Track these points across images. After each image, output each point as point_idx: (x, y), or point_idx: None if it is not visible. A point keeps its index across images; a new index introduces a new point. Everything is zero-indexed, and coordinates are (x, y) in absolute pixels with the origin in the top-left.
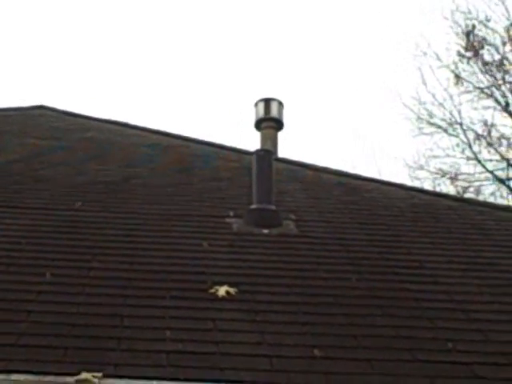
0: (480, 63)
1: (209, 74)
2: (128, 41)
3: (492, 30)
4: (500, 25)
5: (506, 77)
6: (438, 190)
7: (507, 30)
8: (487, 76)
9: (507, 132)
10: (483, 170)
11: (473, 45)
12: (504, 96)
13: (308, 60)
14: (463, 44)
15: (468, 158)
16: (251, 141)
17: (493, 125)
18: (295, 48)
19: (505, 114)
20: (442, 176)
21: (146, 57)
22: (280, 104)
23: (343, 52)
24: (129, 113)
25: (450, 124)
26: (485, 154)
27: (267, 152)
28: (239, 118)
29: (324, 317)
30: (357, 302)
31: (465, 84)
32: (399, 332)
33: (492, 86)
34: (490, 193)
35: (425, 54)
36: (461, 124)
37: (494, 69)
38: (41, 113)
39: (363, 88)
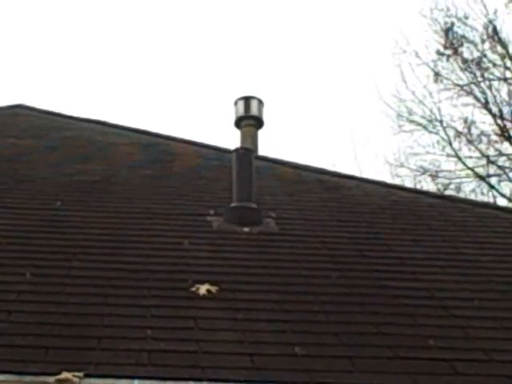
0: (459, 61)
1: (190, 72)
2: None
3: (471, 27)
4: (479, 22)
5: (485, 74)
6: (418, 187)
7: (486, 28)
8: (466, 73)
9: (487, 129)
10: (463, 167)
11: (452, 42)
12: (483, 93)
13: (287, 57)
14: (442, 42)
15: (448, 155)
16: (231, 139)
17: (472, 122)
18: (276, 45)
19: (484, 111)
20: (423, 173)
21: (127, 55)
22: (260, 102)
23: (323, 49)
24: (110, 112)
25: (430, 121)
26: (465, 151)
27: (247, 150)
28: (219, 116)
29: (305, 314)
30: (337, 300)
31: (444, 81)
32: (380, 329)
33: (471, 83)
34: (471, 190)
35: (404, 51)
36: (441, 121)
37: (473, 66)
38: (20, 112)
39: (344, 85)
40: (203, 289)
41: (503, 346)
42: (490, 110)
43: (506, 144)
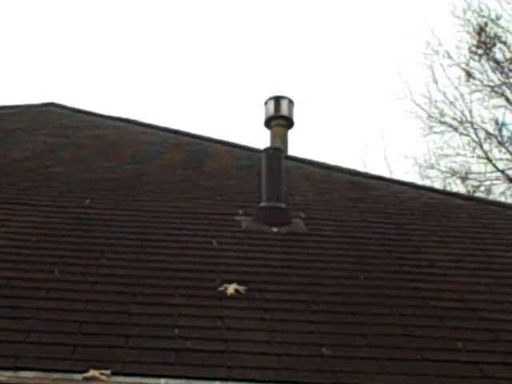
0: (491, 62)
1: (221, 73)
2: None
3: (503, 28)
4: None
5: None
6: (448, 189)
7: None
8: (498, 74)
9: None
10: (494, 169)
11: (484, 42)
12: None
13: (320, 58)
14: (475, 42)
15: (479, 157)
16: (261, 139)
17: (504, 124)
18: (307, 46)
19: None
20: (453, 175)
21: (158, 55)
22: (290, 102)
23: (355, 50)
24: (140, 111)
25: (461, 123)
26: (495, 152)
27: (277, 150)
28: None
29: (333, 315)
30: (365, 301)
31: (476, 82)
32: (408, 331)
33: (503, 84)
34: (501, 192)
35: (436, 52)
36: (471, 123)
37: (505, 67)
38: (51, 110)
39: (374, 86)
40: (231, 288)
41: None
42: None
43: None
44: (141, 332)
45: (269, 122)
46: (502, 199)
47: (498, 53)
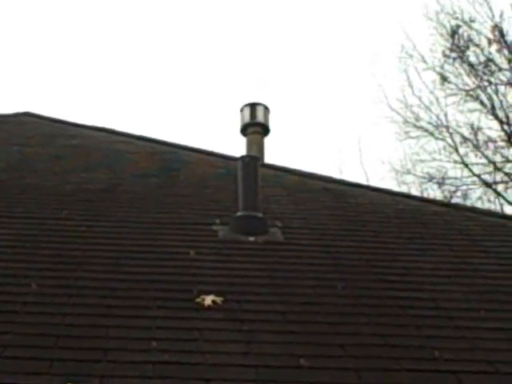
0: (465, 65)
1: (195, 80)
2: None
3: (477, 31)
4: (485, 26)
5: (492, 79)
6: (425, 194)
7: (492, 31)
8: (473, 78)
9: (493, 135)
10: (470, 173)
11: (458, 46)
12: (490, 98)
13: (294, 63)
14: (448, 45)
15: (455, 162)
16: (237, 146)
17: (479, 128)
18: (281, 52)
19: (491, 117)
20: (429, 180)
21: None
22: (266, 109)
23: (328, 54)
24: (114, 118)
25: (437, 127)
26: (472, 157)
27: (253, 158)
28: (226, 123)
29: (310, 326)
30: (343, 311)
31: (451, 86)
32: (386, 340)
33: (478, 87)
34: (478, 197)
35: (410, 56)
36: (447, 127)
37: (479, 70)
38: (26, 120)
39: (349, 91)
40: (208, 299)
41: (510, 358)
42: (496, 116)
43: None
44: (118, 345)
45: (245, 129)
46: (479, 204)
47: (472, 56)
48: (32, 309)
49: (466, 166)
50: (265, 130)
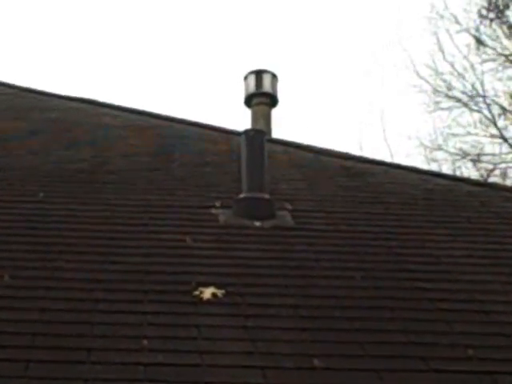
0: (504, 26)
1: (192, 43)
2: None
3: None
4: None
5: None
6: (458, 173)
7: None
8: None
9: None
10: (510, 149)
11: (496, 4)
12: None
13: (306, 24)
14: (485, 4)
15: (492, 136)
16: (241, 119)
17: None
18: (292, 13)
19: None
20: (463, 157)
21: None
22: (273, 77)
23: (349, 12)
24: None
25: (472, 97)
26: None
27: (259, 132)
28: (227, 93)
29: (325, 321)
30: (362, 304)
31: (487, 50)
32: (411, 338)
33: None
34: None
35: (441, 16)
36: (484, 97)
37: None
38: None
39: (371, 57)
40: (208, 292)
41: None
42: None
43: None
44: (104, 344)
45: (249, 100)
46: None
47: None
48: (5, 303)
49: (506, 140)
50: (272, 100)
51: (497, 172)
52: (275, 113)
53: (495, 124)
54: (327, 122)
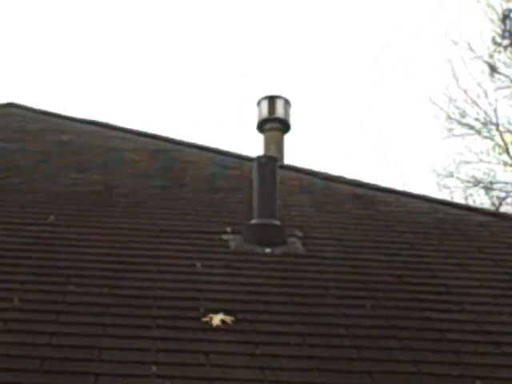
0: None
1: (206, 69)
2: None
3: None
4: None
5: None
6: (470, 201)
7: None
8: None
9: None
10: None
11: (510, 32)
12: None
13: (319, 52)
14: (499, 31)
15: (505, 164)
16: (253, 145)
17: None
18: (304, 41)
19: None
20: (475, 185)
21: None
22: (286, 102)
23: (362, 41)
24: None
25: (485, 124)
26: None
27: (271, 158)
28: (240, 118)
29: (334, 350)
30: (372, 334)
31: (501, 77)
32: (420, 368)
33: None
34: None
35: (455, 43)
36: (497, 124)
37: None
38: (11, 112)
39: (385, 84)
40: (217, 319)
41: None
42: None
43: None
44: (112, 370)
45: (262, 126)
46: None
47: None
48: (14, 327)
49: None
50: (285, 126)
51: (509, 200)
52: (287, 138)
53: (508, 151)
54: (338, 148)
